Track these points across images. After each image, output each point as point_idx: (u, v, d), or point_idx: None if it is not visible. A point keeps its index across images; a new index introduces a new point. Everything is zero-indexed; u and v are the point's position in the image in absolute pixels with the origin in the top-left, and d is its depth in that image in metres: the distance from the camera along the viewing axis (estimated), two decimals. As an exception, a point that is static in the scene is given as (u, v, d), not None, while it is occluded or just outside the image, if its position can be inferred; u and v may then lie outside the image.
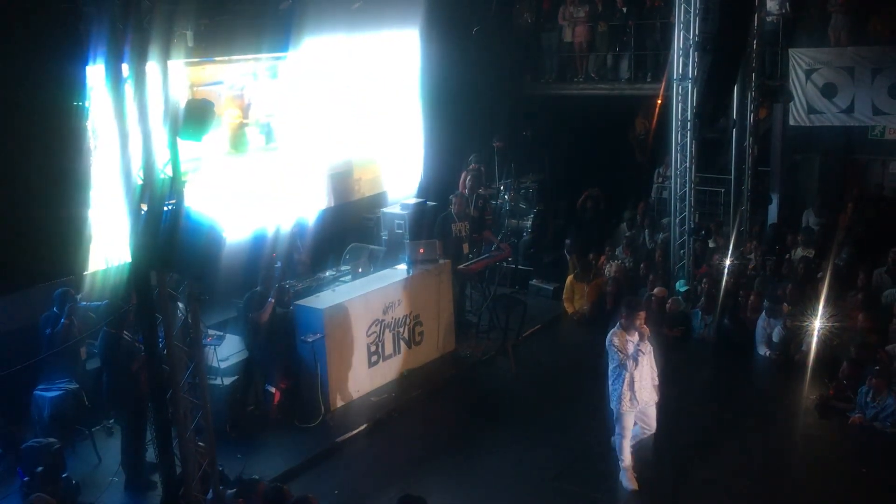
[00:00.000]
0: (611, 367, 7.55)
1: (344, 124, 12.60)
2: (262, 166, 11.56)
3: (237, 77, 11.15)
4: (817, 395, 9.24)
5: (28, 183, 5.32)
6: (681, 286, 11.79)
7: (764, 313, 10.50)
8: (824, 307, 9.99)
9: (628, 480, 7.70)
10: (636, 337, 7.44)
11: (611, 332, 7.56)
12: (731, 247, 12.23)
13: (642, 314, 7.52)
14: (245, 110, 11.33)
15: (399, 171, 13.88)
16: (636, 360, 7.39)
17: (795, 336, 10.15)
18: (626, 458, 7.72)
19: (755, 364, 10.48)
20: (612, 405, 7.64)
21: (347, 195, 13.15)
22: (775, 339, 10.32)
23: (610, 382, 7.60)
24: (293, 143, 11.92)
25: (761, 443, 8.49)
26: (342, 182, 13.00)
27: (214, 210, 5.99)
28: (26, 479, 6.96)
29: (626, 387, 7.46)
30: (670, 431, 8.54)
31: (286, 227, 11.49)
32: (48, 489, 6.67)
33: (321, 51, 11.84)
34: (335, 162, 12.77)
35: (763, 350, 10.48)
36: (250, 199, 11.33)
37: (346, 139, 12.73)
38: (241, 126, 11.28)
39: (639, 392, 7.49)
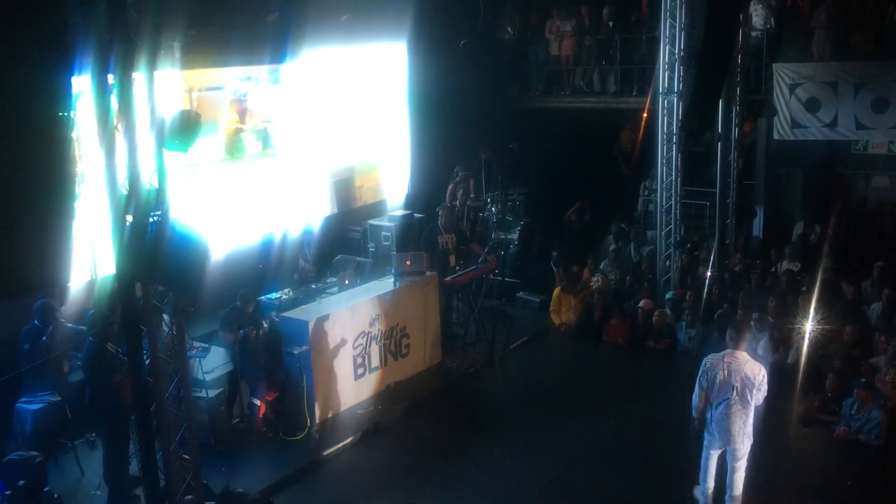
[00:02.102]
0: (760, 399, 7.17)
1: (336, 134, 12.60)
2: (260, 173, 11.51)
3: (238, 82, 11.10)
4: (802, 407, 9.27)
5: (10, 193, 5.27)
6: (669, 295, 11.86)
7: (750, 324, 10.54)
8: (810, 320, 10.05)
9: None
10: None
11: (761, 365, 7.19)
12: (712, 259, 12.31)
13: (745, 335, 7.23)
14: (242, 115, 11.26)
15: (390, 182, 13.91)
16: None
17: (781, 348, 10.20)
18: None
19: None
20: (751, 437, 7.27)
21: (349, 203, 13.19)
22: (760, 352, 10.36)
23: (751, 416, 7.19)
24: (292, 149, 11.89)
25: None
26: (344, 189, 13.02)
27: (206, 220, 5.98)
28: (8, 493, 6.87)
29: None
30: (655, 446, 8.57)
31: (292, 235, 11.49)
32: (29, 503, 6.59)
33: (310, 63, 11.85)
34: (336, 169, 12.77)
35: (748, 362, 10.50)
36: (248, 206, 11.28)
37: (339, 148, 12.74)
38: (238, 132, 11.22)
39: None
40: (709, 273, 11.96)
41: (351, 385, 9.66)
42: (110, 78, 5.60)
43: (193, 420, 6.55)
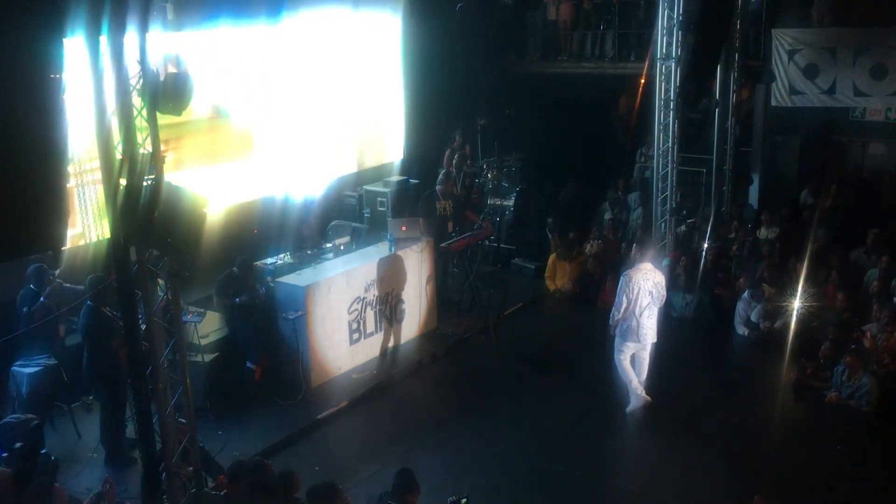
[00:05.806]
0: None
1: (333, 96, 12.46)
2: (254, 133, 11.36)
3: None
4: (794, 374, 9.34)
5: (2, 156, 5.23)
6: (666, 262, 11.86)
7: (745, 294, 10.58)
8: (802, 286, 10.09)
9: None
10: None
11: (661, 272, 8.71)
12: (710, 227, 12.29)
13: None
14: None
15: (393, 145, 13.87)
16: None
17: (774, 315, 10.25)
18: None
19: (734, 343, 10.59)
20: None
21: (352, 166, 13.18)
22: (754, 318, 10.42)
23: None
24: (287, 109, 11.74)
25: (738, 421, 8.59)
26: (346, 153, 12.98)
27: (200, 182, 5.93)
28: (4, 455, 6.91)
29: None
30: (649, 409, 8.64)
31: (293, 199, 11.44)
32: (26, 465, 6.62)
33: (304, 23, 11.70)
34: (337, 131, 12.66)
35: (742, 330, 10.58)
36: (244, 169, 11.15)
37: (337, 111, 12.60)
38: None
39: None
40: (704, 241, 11.97)
41: (346, 350, 9.70)
42: (102, 39, 5.53)
43: (189, 384, 6.57)
